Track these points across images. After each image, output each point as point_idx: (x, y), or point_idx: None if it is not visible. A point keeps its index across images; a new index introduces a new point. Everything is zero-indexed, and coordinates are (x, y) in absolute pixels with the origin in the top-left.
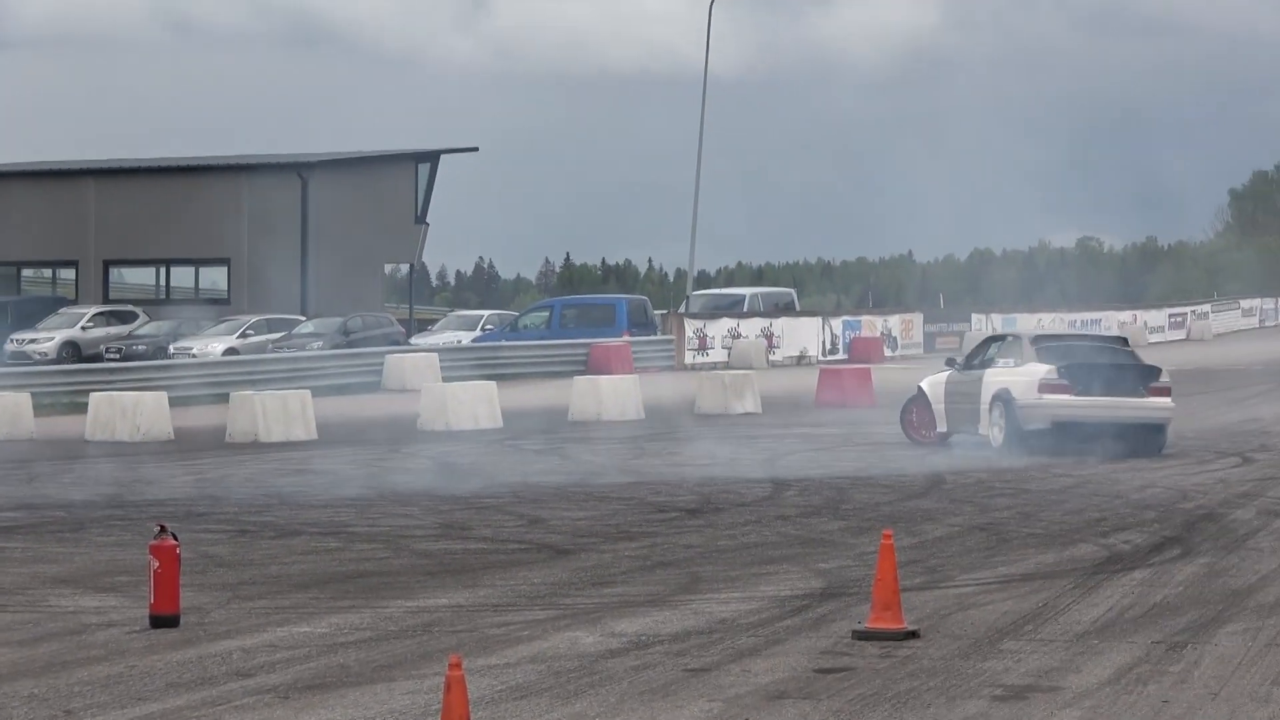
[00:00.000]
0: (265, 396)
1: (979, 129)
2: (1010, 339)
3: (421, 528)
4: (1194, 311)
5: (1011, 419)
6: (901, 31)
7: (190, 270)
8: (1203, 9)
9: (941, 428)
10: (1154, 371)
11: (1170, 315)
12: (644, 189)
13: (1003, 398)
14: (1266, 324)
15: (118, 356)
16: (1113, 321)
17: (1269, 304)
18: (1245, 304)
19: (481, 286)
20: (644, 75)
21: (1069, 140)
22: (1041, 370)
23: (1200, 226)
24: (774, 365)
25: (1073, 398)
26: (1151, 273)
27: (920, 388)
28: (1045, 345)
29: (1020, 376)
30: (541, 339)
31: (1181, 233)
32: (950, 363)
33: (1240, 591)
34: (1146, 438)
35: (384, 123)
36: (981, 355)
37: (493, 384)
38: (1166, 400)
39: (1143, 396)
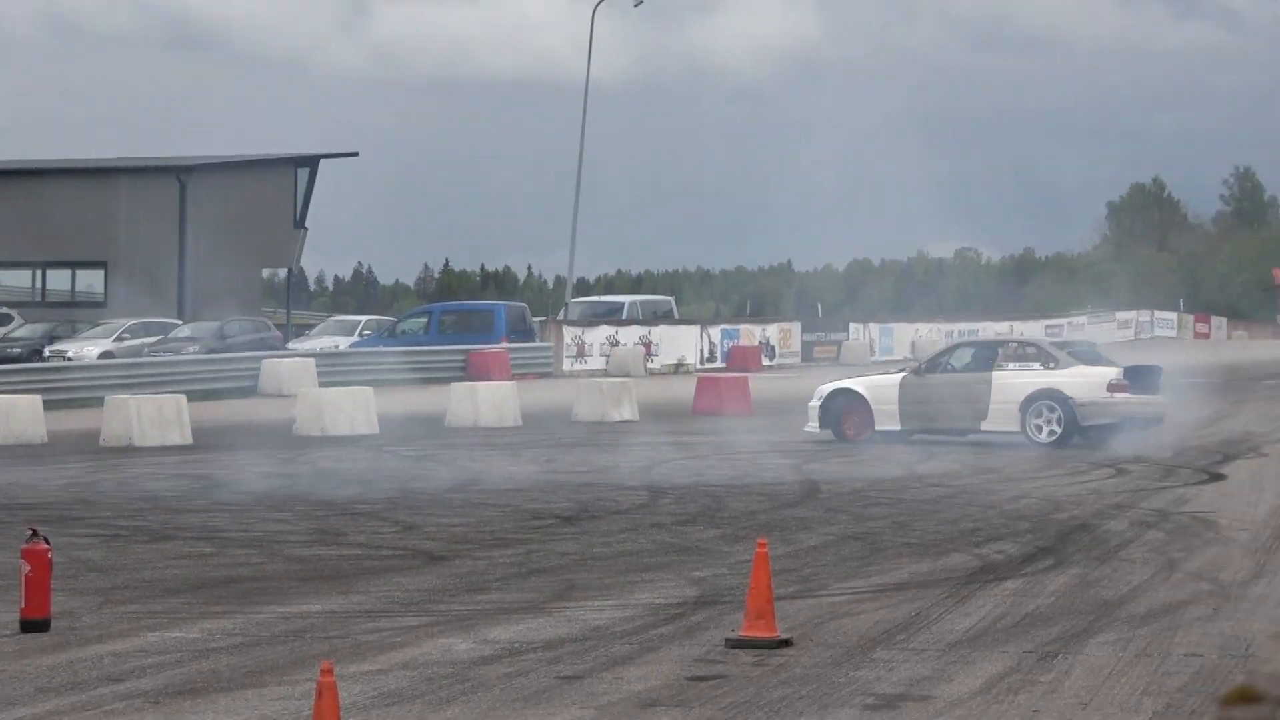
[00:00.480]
0: (141, 400)
1: (859, 140)
2: (1015, 345)
3: (296, 533)
4: (1070, 323)
5: (1069, 416)
6: (781, 41)
7: (67, 273)
8: (1083, 25)
9: (890, 426)
10: (1158, 371)
11: (1046, 327)
12: (524, 196)
13: (1054, 397)
14: (1142, 336)
15: None
16: (989, 332)
17: (1145, 316)
18: (1121, 316)
19: (360, 292)
20: (526, 82)
21: (950, 152)
22: (1111, 372)
23: (1078, 239)
24: (652, 373)
25: (1131, 396)
26: (1029, 284)
27: (854, 390)
28: (1071, 349)
29: (1079, 378)
30: (419, 345)
31: (1060, 245)
32: (907, 367)
33: (1111, 602)
34: (1154, 428)
35: (264, 127)
36: (947, 360)
37: (369, 389)
38: (1162, 398)
39: (1158, 394)
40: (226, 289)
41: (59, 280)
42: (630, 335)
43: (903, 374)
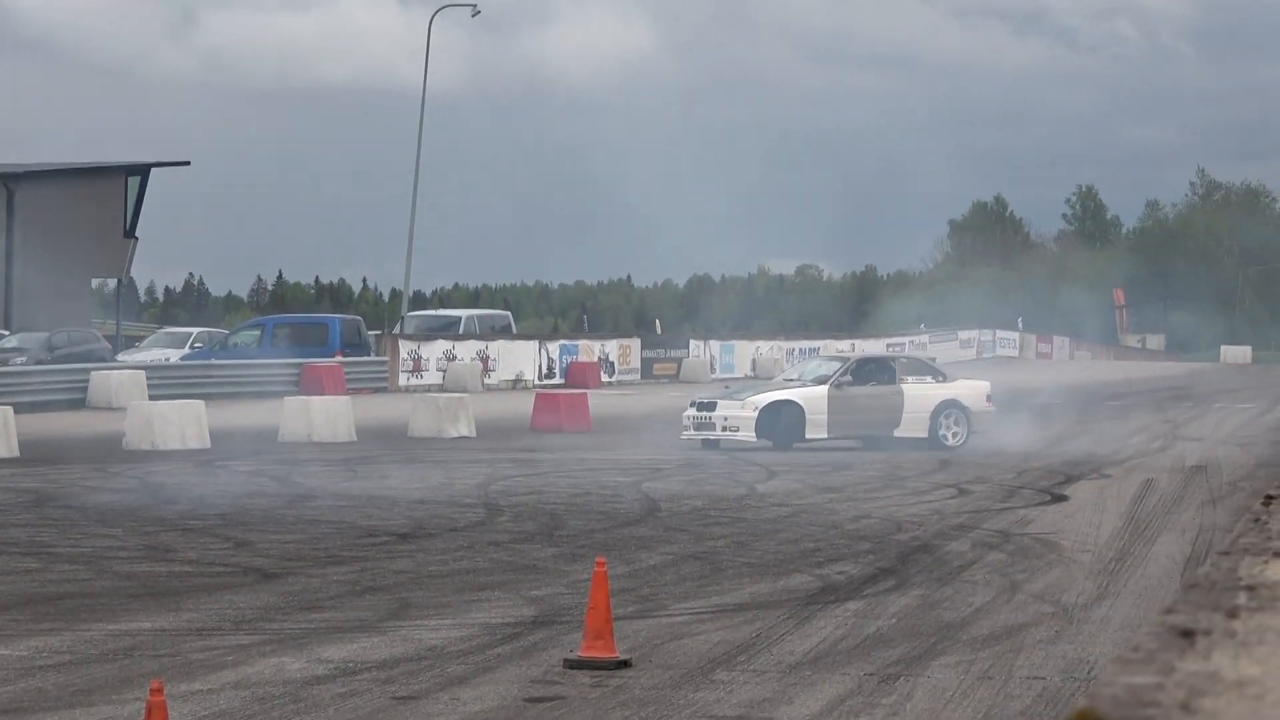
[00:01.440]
0: None
1: (698, 154)
2: (908, 360)
3: (125, 549)
4: (912, 342)
5: (968, 423)
6: (617, 52)
7: None
8: (925, 42)
9: (818, 434)
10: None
11: (888, 344)
12: (359, 207)
13: (957, 407)
14: (984, 356)
15: None
16: (830, 350)
17: (986, 336)
18: (963, 335)
19: (191, 304)
20: (360, 91)
21: (791, 168)
22: (985, 385)
23: (920, 257)
24: (489, 389)
25: (992, 406)
26: (870, 302)
27: (794, 400)
28: (946, 367)
29: (968, 390)
30: (252, 358)
31: (901, 262)
32: (825, 380)
33: (953, 624)
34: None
35: (94, 134)
36: (860, 374)
37: (201, 403)
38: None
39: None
40: (55, 299)
41: None
42: (467, 350)
43: (826, 387)
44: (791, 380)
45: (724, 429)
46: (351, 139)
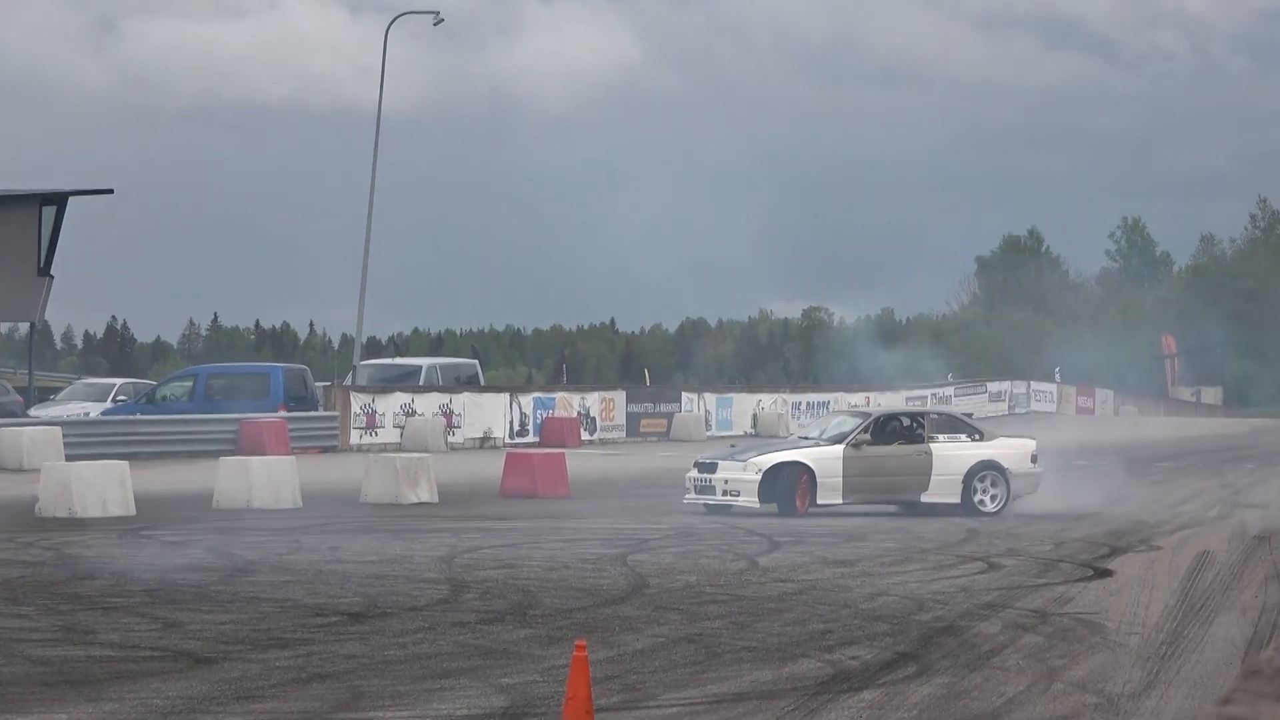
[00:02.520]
0: None
1: (690, 184)
2: (940, 416)
3: (38, 630)
4: (935, 395)
5: (1003, 486)
6: (596, 68)
7: None
8: (942, 55)
9: (832, 499)
10: None
11: (908, 398)
12: (305, 241)
13: (995, 468)
14: (1017, 410)
15: None
16: (844, 403)
17: (1020, 387)
18: (993, 387)
19: (114, 350)
20: (303, 110)
21: (795, 198)
22: (1031, 444)
23: (944, 299)
24: (454, 448)
25: (1038, 467)
26: (887, 350)
27: (803, 462)
28: (977, 422)
29: (1008, 449)
30: (183, 413)
31: (922, 305)
32: (842, 439)
33: (983, 716)
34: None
35: (2, 158)
36: (883, 432)
37: (125, 464)
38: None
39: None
40: None
41: None
42: (429, 404)
43: (842, 446)
44: (809, 438)
45: (724, 493)
46: (296, 165)
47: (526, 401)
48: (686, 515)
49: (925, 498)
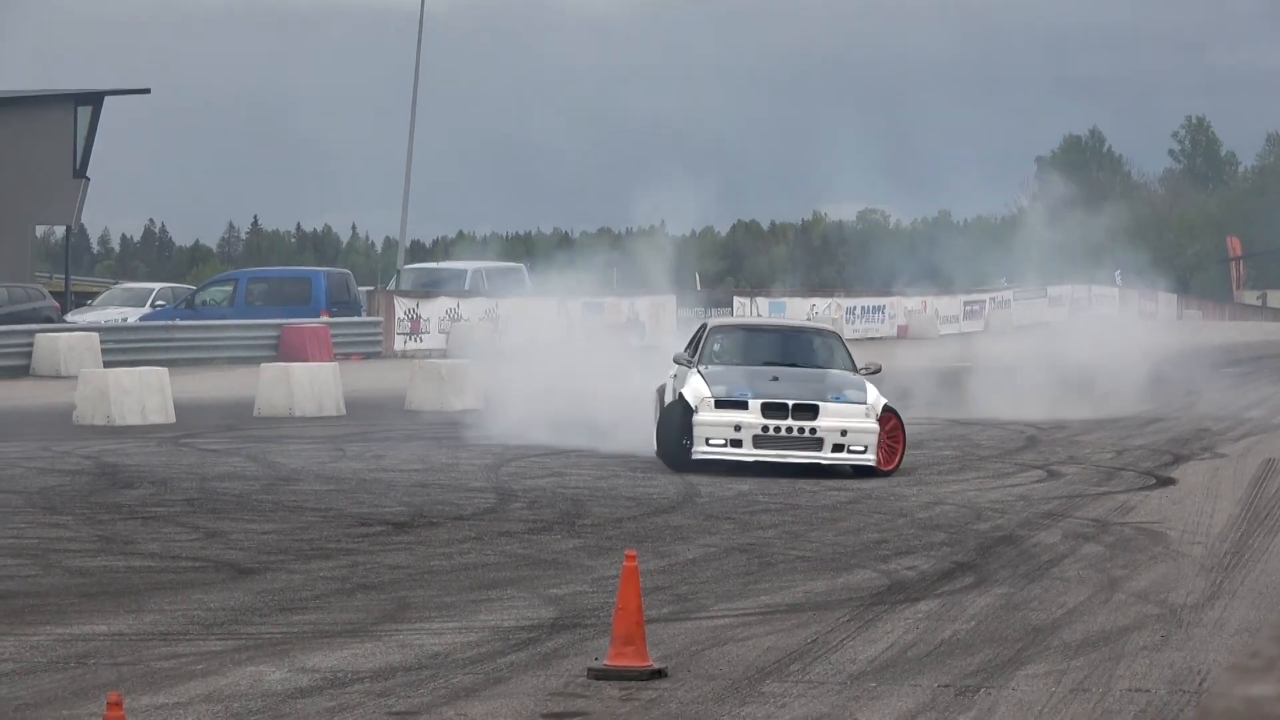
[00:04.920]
0: None
1: (740, 84)
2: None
3: (77, 540)
4: (993, 299)
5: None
6: None
7: None
8: None
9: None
10: None
11: (966, 303)
12: (347, 144)
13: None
14: (1079, 314)
15: None
16: (899, 309)
17: (1081, 292)
18: (1054, 291)
19: (152, 254)
20: (346, 9)
21: (849, 98)
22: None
23: (1002, 200)
24: (498, 351)
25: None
26: (945, 252)
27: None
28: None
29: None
30: (223, 318)
31: (980, 207)
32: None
33: (1042, 628)
34: None
35: (36, 57)
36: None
37: (164, 371)
38: None
39: None
40: None
41: None
42: (474, 309)
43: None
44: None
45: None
46: (337, 65)
47: (575, 306)
48: None
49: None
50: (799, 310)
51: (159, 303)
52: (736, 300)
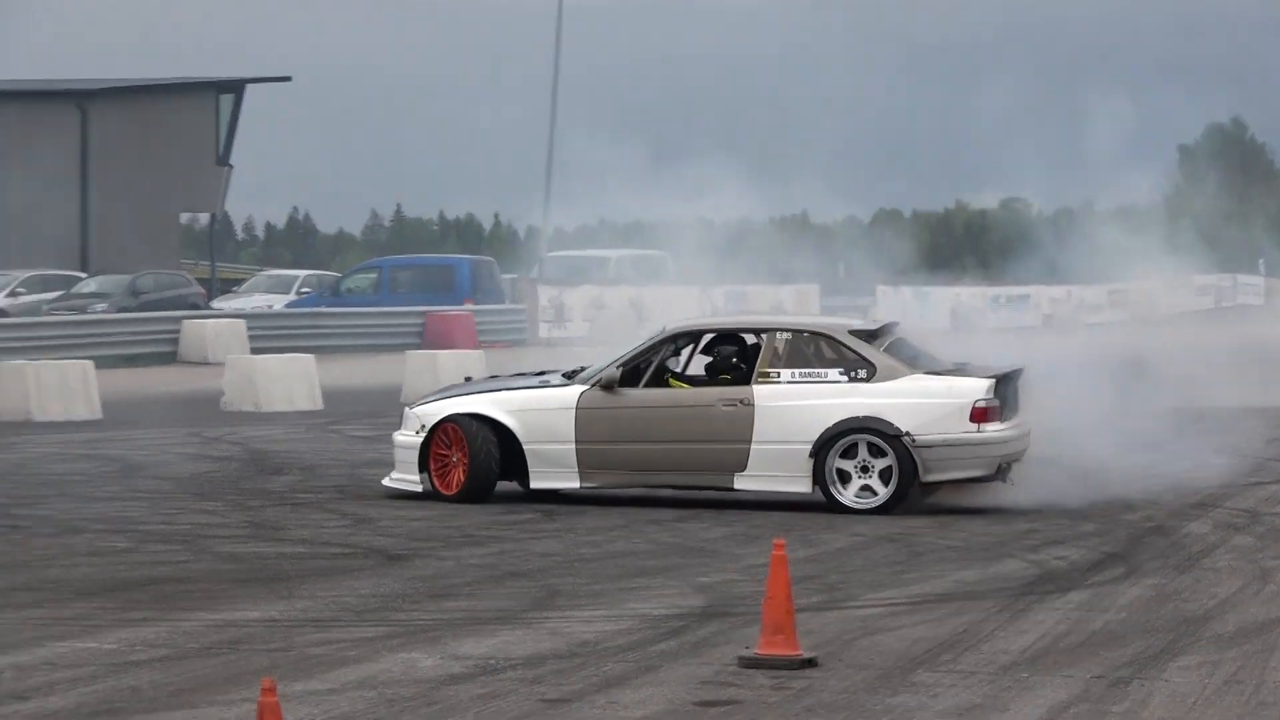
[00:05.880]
0: (40, 367)
1: (881, 69)
2: (792, 336)
3: (227, 527)
4: (1137, 288)
5: (906, 465)
6: None
7: None
8: None
9: (559, 480)
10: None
11: (1111, 292)
12: (490, 130)
13: (881, 431)
14: (1224, 304)
15: None
16: (1043, 297)
17: (1226, 281)
18: (1200, 280)
19: (297, 242)
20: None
21: (991, 85)
22: (974, 386)
23: (1146, 189)
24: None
25: (1009, 425)
26: (1088, 241)
27: (477, 416)
28: (884, 343)
29: (912, 399)
30: (368, 306)
31: (1123, 196)
32: (593, 378)
33: (1194, 619)
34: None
35: (179, 45)
36: (661, 358)
37: (311, 357)
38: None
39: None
40: (139, 236)
41: None
42: (618, 297)
43: (579, 389)
44: (553, 374)
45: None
46: (479, 51)
47: (718, 294)
48: None
49: (742, 480)
50: (942, 299)
51: (304, 290)
52: (880, 289)
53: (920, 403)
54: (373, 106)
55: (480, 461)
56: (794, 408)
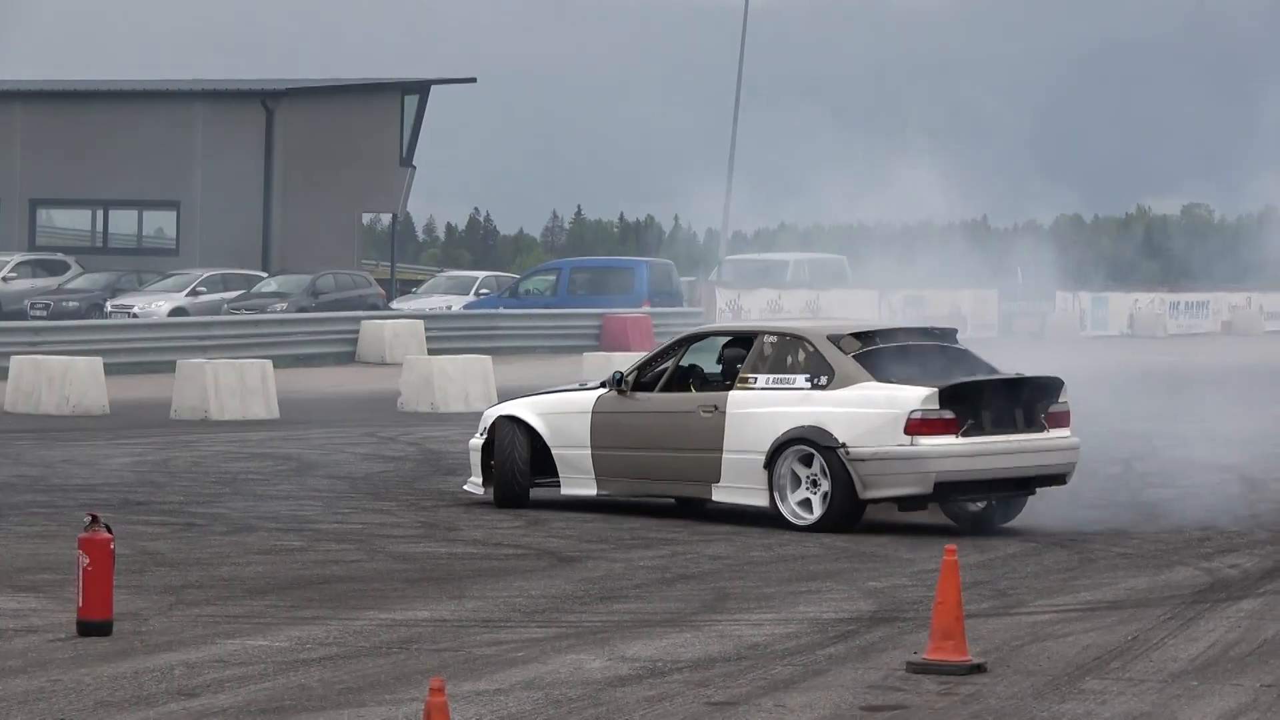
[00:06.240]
0: (218, 366)
1: (1061, 74)
2: (776, 339)
3: (400, 526)
4: None
5: (841, 480)
6: None
7: (133, 214)
8: None
9: (579, 488)
10: (1054, 387)
11: None
12: (670, 133)
13: (816, 441)
14: None
15: (44, 314)
16: (1222, 304)
17: None
18: None
19: (477, 243)
20: (663, 7)
21: (1172, 87)
22: (913, 395)
23: None
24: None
25: (962, 440)
26: (1270, 248)
27: (511, 418)
28: (865, 348)
29: (855, 408)
30: (546, 307)
31: None
32: (616, 381)
33: None
34: (1020, 499)
35: (365, 46)
36: (676, 361)
37: (488, 359)
38: (1070, 434)
39: (1042, 430)
40: (320, 236)
41: (123, 223)
42: (796, 300)
43: (595, 394)
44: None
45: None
46: (661, 54)
47: (896, 299)
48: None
49: (718, 491)
50: (1121, 305)
51: (483, 291)
52: (1059, 294)
53: (860, 412)
54: (555, 109)
55: (504, 466)
56: (756, 415)
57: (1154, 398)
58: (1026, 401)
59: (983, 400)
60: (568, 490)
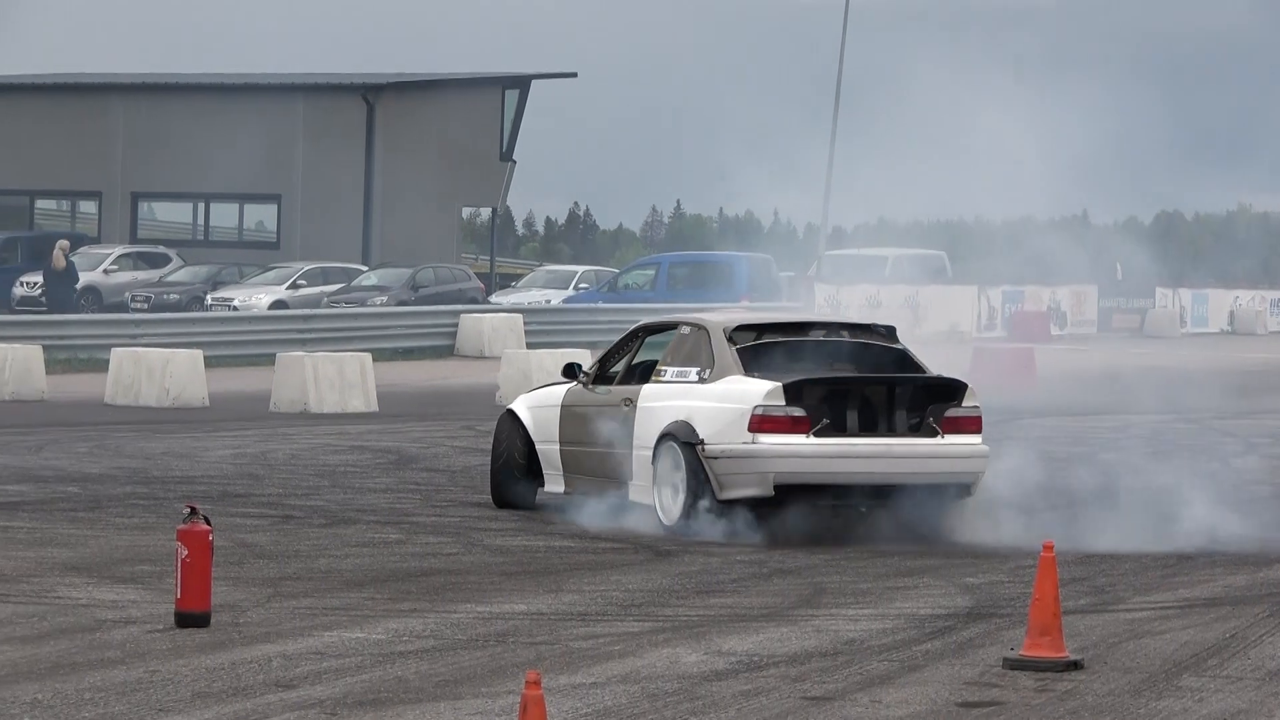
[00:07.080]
0: (318, 359)
1: (1165, 67)
2: (689, 330)
3: (498, 519)
4: None
5: (696, 479)
6: None
7: (234, 207)
8: None
9: (554, 486)
10: (953, 389)
11: None
12: (771, 129)
13: (678, 437)
14: None
15: (145, 306)
16: None
17: None
18: None
19: (576, 237)
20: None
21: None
22: (756, 390)
23: None
24: (918, 340)
25: (812, 440)
26: None
27: (511, 413)
28: (757, 343)
29: (711, 401)
30: (645, 301)
31: None
32: (572, 371)
33: None
34: (930, 502)
35: (467, 40)
36: (632, 355)
37: (586, 353)
38: (975, 441)
39: (933, 435)
40: (420, 230)
41: (224, 216)
42: (895, 296)
43: (564, 387)
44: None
45: None
46: (762, 49)
47: (995, 295)
48: (1145, 414)
49: (633, 490)
50: (1221, 302)
51: (582, 285)
52: (1159, 291)
53: (717, 408)
54: (655, 103)
55: (499, 462)
56: (653, 410)
57: (1250, 396)
58: (913, 404)
59: (847, 400)
60: (549, 487)
